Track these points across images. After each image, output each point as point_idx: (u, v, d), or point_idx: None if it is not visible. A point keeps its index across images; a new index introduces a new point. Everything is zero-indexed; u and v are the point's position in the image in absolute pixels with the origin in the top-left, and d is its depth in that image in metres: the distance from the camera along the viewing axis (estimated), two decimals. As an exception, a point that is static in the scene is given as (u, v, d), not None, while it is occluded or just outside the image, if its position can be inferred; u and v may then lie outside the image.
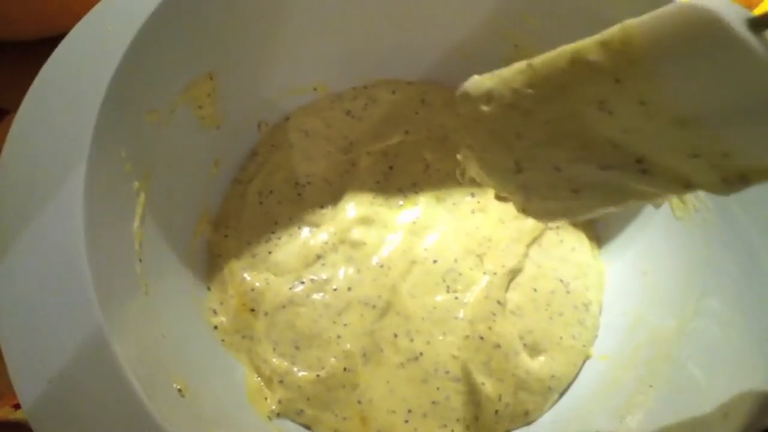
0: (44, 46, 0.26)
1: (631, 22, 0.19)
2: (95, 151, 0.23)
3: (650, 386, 0.28)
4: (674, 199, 0.31)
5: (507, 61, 0.35)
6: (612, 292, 0.34)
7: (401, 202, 0.34)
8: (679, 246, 0.31)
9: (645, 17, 0.18)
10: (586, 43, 0.20)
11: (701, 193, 0.29)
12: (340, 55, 0.35)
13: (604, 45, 0.19)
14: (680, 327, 0.29)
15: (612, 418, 0.29)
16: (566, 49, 0.20)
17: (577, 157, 0.21)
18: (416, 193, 0.34)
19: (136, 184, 0.27)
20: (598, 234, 0.36)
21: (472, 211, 0.33)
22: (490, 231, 0.33)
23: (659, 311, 0.31)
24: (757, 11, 0.24)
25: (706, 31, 0.17)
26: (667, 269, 0.32)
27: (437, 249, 0.32)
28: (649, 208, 0.33)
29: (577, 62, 0.20)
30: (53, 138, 0.23)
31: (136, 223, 0.26)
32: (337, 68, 0.36)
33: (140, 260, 0.26)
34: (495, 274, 0.32)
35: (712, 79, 0.18)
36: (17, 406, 0.32)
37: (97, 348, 0.21)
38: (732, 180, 0.19)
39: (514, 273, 0.33)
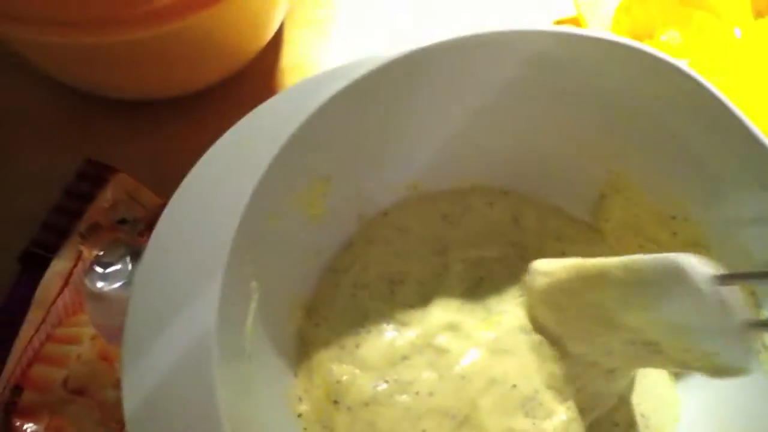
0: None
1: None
2: (233, 259, 0.25)
3: None
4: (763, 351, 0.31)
5: (600, 184, 0.36)
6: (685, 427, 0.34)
7: (486, 318, 0.35)
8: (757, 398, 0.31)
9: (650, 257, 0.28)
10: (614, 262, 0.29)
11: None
12: (440, 155, 0.37)
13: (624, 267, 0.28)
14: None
15: None
16: (603, 262, 0.30)
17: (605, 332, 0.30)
18: (502, 313, 0.35)
19: (254, 284, 0.28)
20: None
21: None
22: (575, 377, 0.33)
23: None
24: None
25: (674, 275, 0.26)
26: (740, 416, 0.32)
27: (516, 375, 0.33)
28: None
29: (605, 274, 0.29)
30: (190, 251, 0.25)
31: (249, 323, 0.28)
32: (434, 170, 0.37)
33: (249, 358, 0.28)
34: (582, 412, 0.33)
35: (679, 307, 0.27)
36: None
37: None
38: (718, 371, 0.27)
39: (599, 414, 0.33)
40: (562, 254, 0.37)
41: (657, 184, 0.35)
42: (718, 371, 0.28)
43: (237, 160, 0.27)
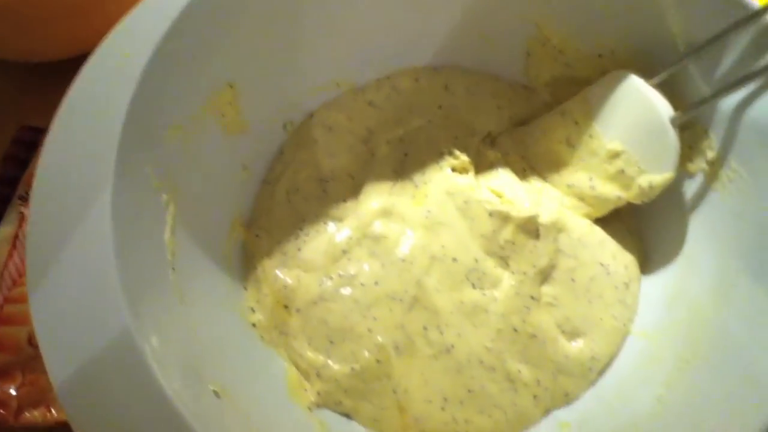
0: (71, 64, 0.28)
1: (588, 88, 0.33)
2: (120, 169, 0.24)
3: (688, 361, 0.28)
4: (707, 171, 0.30)
5: (529, 40, 0.35)
6: (650, 267, 0.34)
7: (414, 194, 0.34)
8: (714, 216, 0.30)
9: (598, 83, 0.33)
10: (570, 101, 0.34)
11: (734, 163, 0.29)
12: (358, 48, 0.35)
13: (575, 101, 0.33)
14: (718, 300, 0.28)
15: (650, 396, 0.29)
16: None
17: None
18: (427, 183, 0.34)
19: (165, 196, 0.28)
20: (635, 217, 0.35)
21: (490, 214, 0.33)
22: (512, 235, 0.32)
23: (697, 284, 0.30)
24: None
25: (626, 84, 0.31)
26: (704, 241, 0.31)
27: (454, 247, 0.32)
28: (685, 185, 0.32)
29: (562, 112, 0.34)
30: (80, 161, 0.25)
31: (167, 234, 0.28)
32: (357, 62, 0.36)
33: (173, 269, 0.28)
34: (524, 273, 0.32)
35: (626, 113, 0.31)
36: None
37: (126, 350, 0.22)
38: (646, 191, 0.31)
39: (546, 271, 0.32)
40: (498, 108, 0.36)
41: (579, 27, 0.33)
42: (647, 191, 0.31)
43: (119, 68, 0.26)
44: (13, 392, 0.35)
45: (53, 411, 0.35)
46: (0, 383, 0.36)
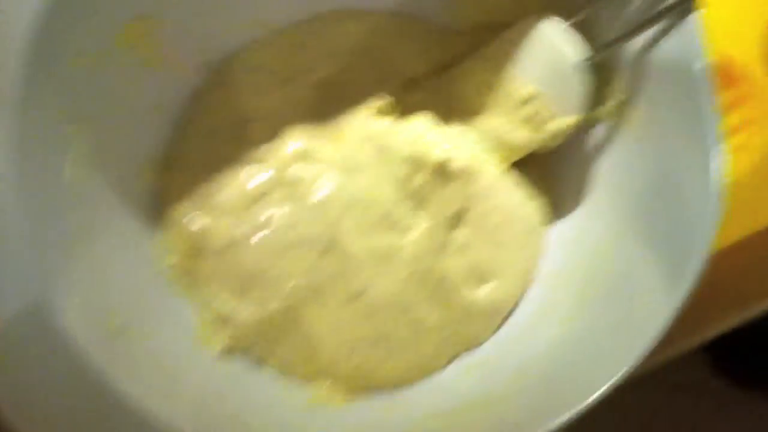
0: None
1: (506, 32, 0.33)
2: (23, 95, 0.24)
3: (585, 302, 0.29)
4: (615, 116, 0.31)
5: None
6: (558, 213, 0.34)
7: (336, 137, 0.34)
8: (618, 163, 0.31)
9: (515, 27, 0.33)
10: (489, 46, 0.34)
11: (642, 105, 0.29)
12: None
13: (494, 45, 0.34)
14: (612, 245, 0.29)
15: (549, 335, 0.29)
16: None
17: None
18: (347, 126, 0.34)
19: (70, 128, 0.27)
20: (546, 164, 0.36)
21: (405, 159, 0.32)
22: (426, 180, 0.32)
23: (598, 229, 0.31)
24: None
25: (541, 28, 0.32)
26: (608, 187, 0.32)
27: (370, 192, 0.32)
28: (594, 132, 0.33)
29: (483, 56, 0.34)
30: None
31: (70, 168, 0.27)
32: (280, 1, 0.35)
33: (78, 204, 0.27)
34: (437, 218, 0.32)
35: (539, 57, 0.32)
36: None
37: (33, 299, 0.22)
38: (555, 135, 0.32)
39: (458, 216, 0.33)
40: (422, 53, 0.36)
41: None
42: (557, 134, 0.32)
43: None
44: None
45: None
46: None
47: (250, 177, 0.33)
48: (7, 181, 0.23)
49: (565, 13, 0.31)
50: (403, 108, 0.35)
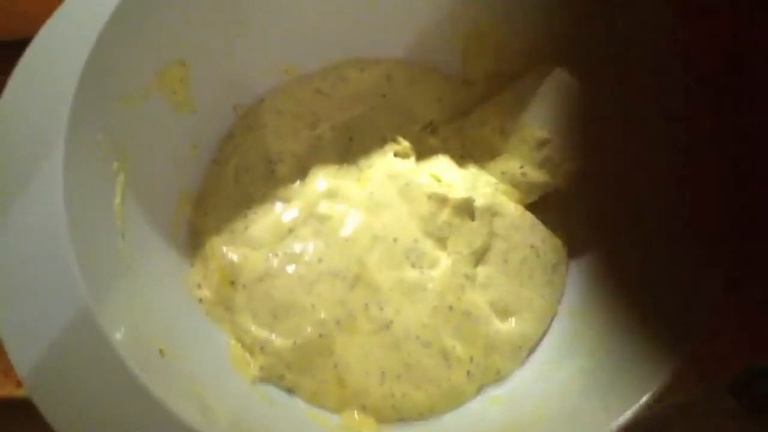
0: (20, 46, 0.29)
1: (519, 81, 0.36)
2: (72, 134, 0.25)
3: (608, 334, 0.30)
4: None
5: (467, 37, 0.37)
6: (576, 250, 0.36)
7: (359, 177, 0.36)
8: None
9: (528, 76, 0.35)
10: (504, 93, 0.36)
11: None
12: (304, 36, 0.37)
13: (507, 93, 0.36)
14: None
15: (573, 367, 0.31)
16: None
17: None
18: (370, 167, 0.36)
19: (115, 164, 0.29)
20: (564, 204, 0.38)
21: (429, 197, 0.34)
22: (449, 217, 0.34)
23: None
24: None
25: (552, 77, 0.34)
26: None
27: (394, 228, 0.34)
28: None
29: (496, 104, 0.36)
30: (32, 125, 0.25)
31: (117, 200, 0.28)
32: (304, 49, 0.37)
33: (123, 236, 0.28)
34: (460, 253, 0.34)
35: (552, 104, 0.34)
36: (20, 384, 0.35)
37: (83, 319, 0.23)
38: (570, 176, 0.35)
39: (480, 252, 0.34)
40: (438, 99, 0.39)
41: (513, 26, 0.36)
42: (572, 176, 0.34)
43: (72, 38, 0.27)
44: None
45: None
46: None
47: (280, 213, 0.35)
48: (60, 212, 0.25)
49: (573, 66, 0.34)
50: (421, 151, 0.38)
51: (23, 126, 0.26)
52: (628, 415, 0.25)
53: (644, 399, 0.25)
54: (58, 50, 0.27)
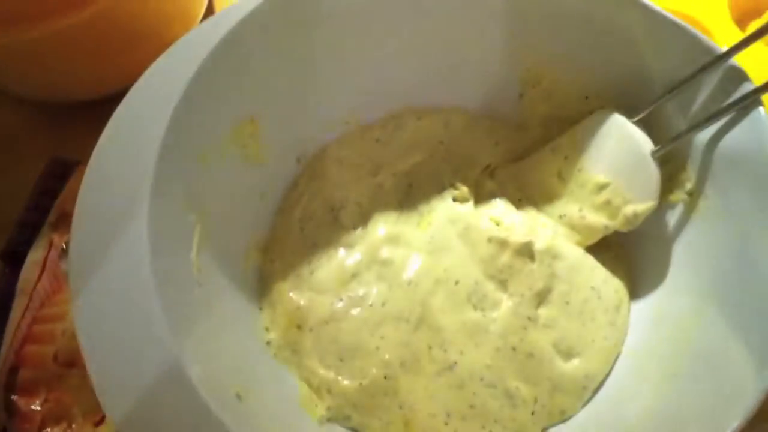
0: (111, 101, 0.31)
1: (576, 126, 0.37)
2: (156, 190, 0.27)
3: (673, 376, 0.30)
4: (687, 201, 0.33)
5: (521, 83, 0.38)
6: (637, 291, 0.36)
7: (419, 222, 0.37)
8: (694, 244, 0.33)
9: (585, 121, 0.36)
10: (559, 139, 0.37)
11: (709, 192, 0.32)
12: (366, 90, 0.39)
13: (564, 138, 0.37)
14: (696, 321, 0.30)
15: (638, 408, 0.31)
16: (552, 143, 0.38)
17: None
18: (430, 212, 0.37)
19: (193, 217, 0.31)
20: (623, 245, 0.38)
21: (489, 240, 0.35)
22: (510, 260, 0.35)
23: (679, 307, 0.33)
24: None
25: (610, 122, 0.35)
26: (685, 267, 0.34)
27: (456, 271, 0.35)
28: (667, 215, 0.35)
29: (553, 149, 0.38)
30: (118, 183, 0.27)
31: (194, 252, 0.30)
32: (365, 102, 0.39)
33: (199, 285, 0.30)
34: (522, 295, 0.34)
35: (611, 148, 0.35)
36: (98, 424, 0.37)
37: (171, 368, 0.25)
38: (631, 220, 0.34)
39: (542, 295, 0.35)
40: (495, 144, 0.40)
41: (568, 71, 0.37)
42: (632, 219, 0.34)
43: (159, 95, 0.29)
44: (37, 408, 0.37)
45: (74, 428, 0.37)
46: (26, 399, 0.37)
47: (344, 259, 0.36)
48: (146, 265, 0.26)
49: (631, 109, 0.34)
50: (479, 195, 0.39)
51: (112, 184, 0.28)
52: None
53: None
54: (145, 108, 0.29)
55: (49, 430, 0.37)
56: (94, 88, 0.47)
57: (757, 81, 0.29)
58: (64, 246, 0.41)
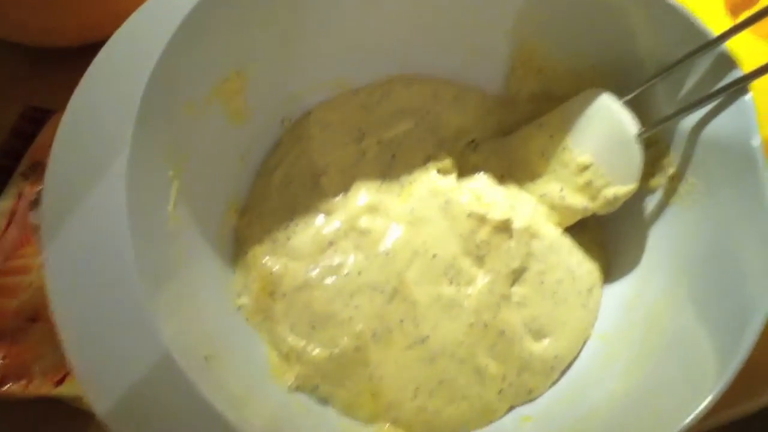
0: (90, 50, 0.30)
1: (564, 104, 0.36)
2: (137, 141, 0.26)
3: (641, 360, 0.30)
4: (667, 186, 0.33)
5: (512, 58, 0.38)
6: (612, 275, 0.36)
7: (400, 192, 0.36)
8: (671, 229, 0.33)
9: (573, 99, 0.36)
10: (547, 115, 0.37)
11: (691, 178, 0.31)
12: (357, 53, 0.38)
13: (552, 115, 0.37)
14: (668, 309, 0.31)
15: (605, 391, 0.31)
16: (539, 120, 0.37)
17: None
18: (412, 183, 0.37)
19: (171, 172, 0.30)
20: (601, 228, 0.38)
21: (469, 215, 0.35)
22: (488, 236, 0.35)
23: (652, 293, 0.33)
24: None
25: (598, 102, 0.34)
26: (661, 253, 0.34)
27: (434, 244, 0.34)
28: (647, 199, 0.35)
29: (539, 125, 0.37)
30: (98, 130, 0.26)
31: (170, 207, 0.29)
32: (353, 66, 0.38)
33: (174, 240, 0.29)
34: (498, 272, 0.34)
35: (596, 128, 0.34)
36: (59, 383, 0.36)
37: (143, 324, 0.24)
38: (611, 202, 0.34)
39: (518, 273, 0.35)
40: (482, 118, 0.39)
41: (559, 48, 0.36)
42: (611, 202, 0.34)
43: (144, 42, 0.28)
44: (-4, 362, 0.36)
45: (32, 385, 0.36)
46: (-16, 353, 0.36)
47: (322, 226, 0.36)
48: (122, 213, 0.25)
49: (620, 90, 0.34)
50: (463, 168, 0.38)
51: (90, 130, 0.27)
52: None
53: (683, 424, 0.25)
54: (128, 55, 0.28)
55: (8, 386, 0.36)
56: (76, 34, 0.45)
57: (746, 69, 0.29)
58: (35, 197, 0.40)
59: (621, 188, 0.33)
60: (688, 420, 0.25)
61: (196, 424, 0.24)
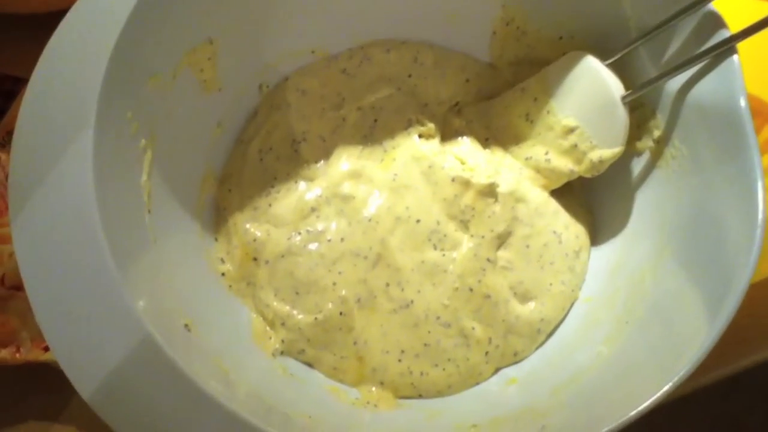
0: (55, 17, 0.29)
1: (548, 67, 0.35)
2: (102, 111, 0.25)
3: (626, 323, 0.30)
4: (653, 149, 0.33)
5: (494, 20, 0.37)
6: (598, 239, 0.36)
7: (383, 158, 0.36)
8: (657, 193, 0.33)
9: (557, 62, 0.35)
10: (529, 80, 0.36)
11: (677, 141, 0.31)
12: (335, 17, 0.37)
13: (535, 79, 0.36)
14: (653, 272, 0.31)
15: (591, 353, 0.31)
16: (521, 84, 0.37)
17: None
18: (395, 148, 0.36)
19: (143, 142, 0.29)
20: (587, 192, 0.38)
21: (453, 180, 0.34)
22: (473, 201, 0.34)
23: (638, 256, 0.33)
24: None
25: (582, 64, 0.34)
26: (647, 217, 0.33)
27: (418, 210, 0.34)
28: (633, 163, 0.35)
29: (523, 89, 0.36)
30: (63, 101, 0.25)
31: (143, 177, 0.29)
32: (331, 30, 0.37)
33: (149, 211, 0.29)
34: (483, 237, 0.34)
35: (581, 91, 0.33)
36: (46, 349, 0.36)
37: (109, 293, 0.23)
38: (596, 165, 0.34)
39: (503, 237, 0.35)
40: (465, 82, 0.38)
41: (542, 10, 0.35)
42: (597, 165, 0.33)
43: (103, 16, 0.27)
44: (-19, 331, 0.36)
45: (22, 351, 0.36)
46: (-31, 322, 0.36)
47: (303, 192, 0.35)
48: (90, 186, 0.25)
49: (605, 52, 0.33)
50: (445, 133, 0.38)
51: (55, 103, 0.26)
52: (645, 404, 0.25)
53: (659, 393, 0.25)
54: (91, 27, 0.27)
55: (-1, 353, 0.36)
56: (38, 1, 0.44)
57: (734, 30, 0.28)
58: (12, 166, 0.39)
59: (607, 151, 0.33)
60: (672, 382, 0.25)
61: (180, 400, 0.24)
